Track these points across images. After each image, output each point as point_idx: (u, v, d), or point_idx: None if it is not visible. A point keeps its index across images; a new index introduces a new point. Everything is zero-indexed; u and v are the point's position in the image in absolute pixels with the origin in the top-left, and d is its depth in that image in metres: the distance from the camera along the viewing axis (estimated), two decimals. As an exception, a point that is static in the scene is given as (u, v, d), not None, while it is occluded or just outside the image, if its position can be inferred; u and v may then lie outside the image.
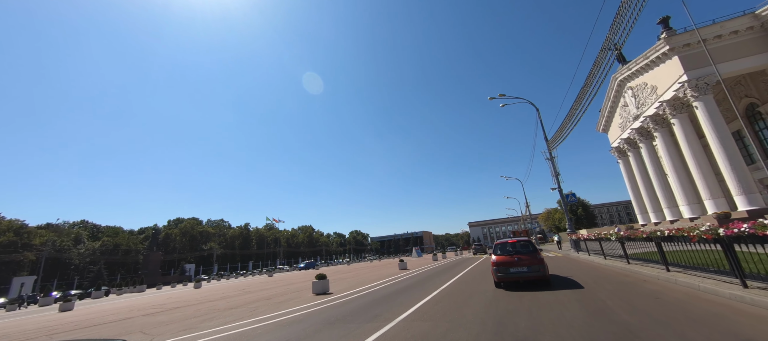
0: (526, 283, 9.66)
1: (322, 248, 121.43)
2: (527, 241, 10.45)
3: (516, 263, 9.37)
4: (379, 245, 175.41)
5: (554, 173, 19.08)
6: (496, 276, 9.60)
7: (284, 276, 42.90)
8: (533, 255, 9.48)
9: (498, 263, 9.65)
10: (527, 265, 9.24)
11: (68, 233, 69.32)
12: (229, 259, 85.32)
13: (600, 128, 39.24)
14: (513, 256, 9.64)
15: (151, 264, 57.81)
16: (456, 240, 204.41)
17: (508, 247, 10.28)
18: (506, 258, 9.68)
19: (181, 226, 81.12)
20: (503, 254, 9.95)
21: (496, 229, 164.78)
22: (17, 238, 49.45)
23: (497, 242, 10.77)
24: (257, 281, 35.63)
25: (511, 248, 10.16)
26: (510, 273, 9.35)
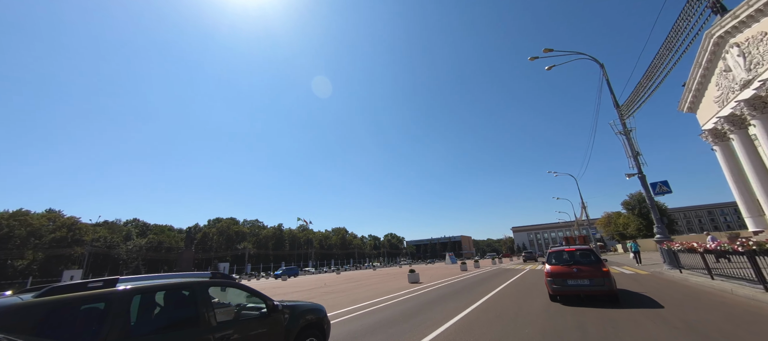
0: (588, 298, 8.67)
1: (354, 251, 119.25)
2: (588, 250, 9.48)
3: (575, 274, 8.53)
4: (414, 249, 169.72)
5: (632, 152, 13.04)
6: (551, 288, 8.86)
7: (300, 280, 40.16)
8: (596, 266, 8.56)
9: (553, 274, 8.85)
10: (589, 277, 8.36)
11: (120, 230, 74.86)
12: (262, 259, 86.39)
13: (684, 106, 30.54)
14: (570, 266, 8.77)
15: (184, 262, 59.27)
16: (498, 246, 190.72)
17: (564, 256, 9.35)
18: (563, 268, 8.82)
19: (218, 226, 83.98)
20: (559, 264, 9.07)
21: (544, 235, 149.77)
22: (69, 234, 53.43)
23: (552, 251, 9.87)
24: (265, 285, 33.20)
25: (568, 258, 9.23)
26: (567, 285, 8.58)
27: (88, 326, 2.75)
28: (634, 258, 21.55)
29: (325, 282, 28.70)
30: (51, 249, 50.37)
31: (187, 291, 3.54)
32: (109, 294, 2.91)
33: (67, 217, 60.15)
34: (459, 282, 17.09)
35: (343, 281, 27.74)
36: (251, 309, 4.32)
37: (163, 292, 3.48)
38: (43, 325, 2.49)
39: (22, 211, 51.93)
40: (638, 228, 55.71)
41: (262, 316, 4.11)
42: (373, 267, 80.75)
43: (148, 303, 3.27)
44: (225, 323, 3.64)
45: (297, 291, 20.05)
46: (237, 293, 4.51)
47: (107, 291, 2.93)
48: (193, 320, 3.36)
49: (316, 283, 27.31)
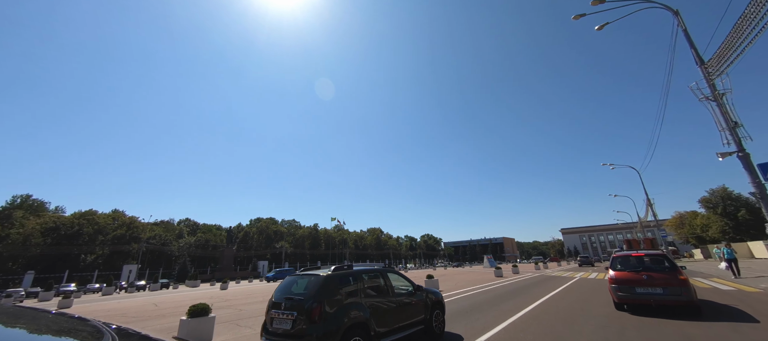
0: (660, 309, 7.85)
1: (389, 252, 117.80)
2: (661, 255, 8.58)
3: (644, 282, 7.81)
4: (452, 250, 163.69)
5: (727, 123, 9.42)
6: (617, 296, 8.17)
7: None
8: (671, 274, 7.74)
9: (619, 280, 8.23)
10: (662, 285, 7.59)
11: (174, 229, 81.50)
12: (299, 258, 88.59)
13: None
14: (640, 273, 8.01)
15: (225, 260, 62.48)
16: (545, 249, 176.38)
17: (632, 261, 8.64)
18: (631, 274, 8.13)
19: (258, 225, 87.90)
20: (626, 270, 8.38)
21: (598, 238, 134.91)
22: (127, 232, 59.03)
23: (617, 255, 9.20)
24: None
25: (636, 263, 8.51)
26: (636, 293, 7.87)
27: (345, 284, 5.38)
28: (728, 268, 16.73)
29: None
30: (113, 245, 55.96)
31: (379, 273, 6.26)
32: (354, 271, 5.71)
33: (129, 217, 66.74)
34: (483, 294, 14.13)
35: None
36: (404, 287, 6.56)
37: (373, 273, 6.14)
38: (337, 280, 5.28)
39: (90, 211, 58.57)
40: (723, 230, 46.38)
41: (411, 292, 6.45)
42: (402, 268, 78.40)
43: (369, 277, 5.97)
44: (398, 292, 6.23)
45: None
46: (395, 277, 6.66)
47: (352, 270, 5.74)
48: (388, 288, 6.09)
49: None
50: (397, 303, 5.97)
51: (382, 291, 5.91)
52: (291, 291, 5.36)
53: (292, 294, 5.22)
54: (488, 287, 17.49)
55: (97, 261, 53.23)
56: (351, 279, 5.50)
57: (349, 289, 5.30)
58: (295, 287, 5.49)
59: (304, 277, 5.52)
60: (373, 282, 5.91)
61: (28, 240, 46.95)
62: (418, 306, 6.34)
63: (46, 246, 49.19)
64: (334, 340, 4.52)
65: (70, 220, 53.70)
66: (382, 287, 5.98)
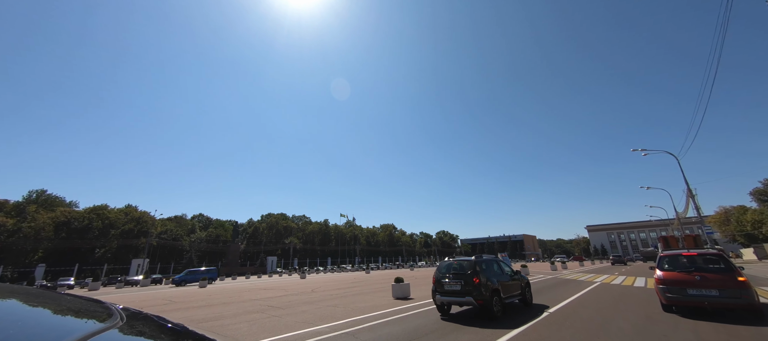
0: (715, 312, 7.60)
1: (402, 248, 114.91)
2: (716, 255, 8.05)
3: (697, 283, 7.44)
4: (469, 248, 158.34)
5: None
6: (665, 298, 7.87)
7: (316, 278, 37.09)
8: (728, 275, 7.24)
9: (667, 281, 7.92)
10: (718, 287, 7.17)
11: (186, 224, 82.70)
12: (308, 254, 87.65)
13: None
14: (691, 273, 7.68)
15: (231, 255, 62.06)
16: (569, 247, 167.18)
17: (682, 260, 8.28)
18: (681, 275, 7.81)
19: (268, 220, 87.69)
20: (675, 270, 8.07)
21: (629, 235, 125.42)
22: (136, 226, 59.76)
23: (665, 254, 8.74)
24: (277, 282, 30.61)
25: (687, 262, 8.15)
26: (688, 295, 7.48)
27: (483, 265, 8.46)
28: None
29: (291, 289, 24.52)
30: (122, 240, 56.75)
31: (495, 261, 9.30)
32: (478, 259, 8.60)
33: (141, 211, 67.89)
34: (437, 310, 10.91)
35: (338, 285, 23.31)
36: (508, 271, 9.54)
37: (493, 260, 9.18)
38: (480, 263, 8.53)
39: (102, 206, 59.76)
40: (781, 228, 39.84)
41: (513, 274, 9.51)
42: (410, 266, 75.25)
43: (492, 262, 9.05)
44: (507, 273, 9.20)
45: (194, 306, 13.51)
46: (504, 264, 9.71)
47: (476, 258, 8.61)
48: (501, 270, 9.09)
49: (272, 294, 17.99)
50: (509, 279, 9.23)
51: (499, 272, 9.05)
52: (452, 268, 8.77)
53: (454, 269, 8.63)
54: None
55: (107, 255, 54.07)
56: (484, 263, 8.69)
57: (485, 268, 8.49)
58: (454, 266, 8.86)
59: (459, 261, 8.92)
60: (494, 266, 9.11)
61: (39, 234, 48.08)
62: (518, 283, 9.70)
63: (58, 240, 50.27)
64: (487, 296, 7.78)
65: (81, 214, 54.85)
66: (497, 270, 9.06)
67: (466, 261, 8.55)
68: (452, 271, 8.50)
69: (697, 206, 27.41)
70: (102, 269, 51.41)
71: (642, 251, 78.83)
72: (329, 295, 15.93)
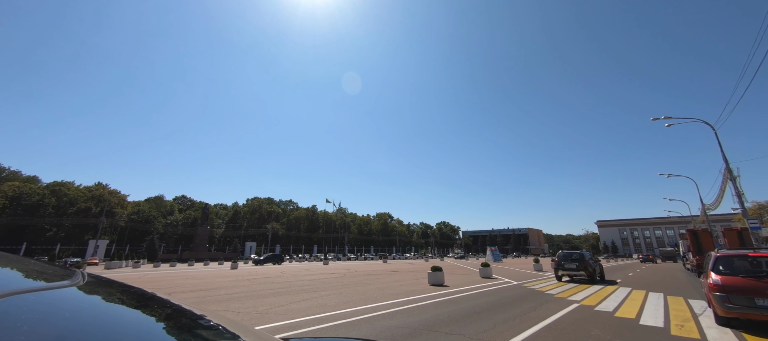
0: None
1: (396, 238, 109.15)
2: None
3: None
4: (471, 240, 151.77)
5: None
6: (724, 308, 5.86)
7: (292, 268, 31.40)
8: None
9: (728, 288, 5.92)
10: None
11: (165, 206, 78.67)
12: (292, 240, 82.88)
13: None
14: (762, 280, 5.76)
15: (198, 239, 57.43)
16: (578, 243, 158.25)
17: (747, 262, 6.53)
18: (747, 280, 5.88)
19: (251, 204, 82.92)
20: (738, 275, 6.12)
21: (643, 232, 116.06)
22: (95, 204, 55.50)
23: (723, 254, 6.81)
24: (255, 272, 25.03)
25: (754, 267, 6.36)
26: (756, 306, 5.61)
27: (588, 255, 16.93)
28: None
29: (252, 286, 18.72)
30: (80, 218, 52.60)
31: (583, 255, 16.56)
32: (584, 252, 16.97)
33: (110, 190, 63.78)
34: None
35: (308, 279, 17.42)
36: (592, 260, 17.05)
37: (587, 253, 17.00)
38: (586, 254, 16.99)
39: (60, 182, 55.65)
40: (840, 227, 31.99)
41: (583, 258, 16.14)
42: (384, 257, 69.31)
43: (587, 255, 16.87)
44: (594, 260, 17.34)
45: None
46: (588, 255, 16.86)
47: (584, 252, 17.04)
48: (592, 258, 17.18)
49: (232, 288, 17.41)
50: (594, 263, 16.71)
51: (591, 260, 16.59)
52: (571, 257, 16.52)
53: (571, 256, 16.59)
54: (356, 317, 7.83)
55: (59, 235, 50.01)
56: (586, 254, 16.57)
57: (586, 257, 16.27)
58: (571, 254, 16.84)
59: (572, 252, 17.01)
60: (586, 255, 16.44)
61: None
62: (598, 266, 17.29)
63: (4, 217, 46.22)
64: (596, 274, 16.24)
65: (34, 190, 50.78)
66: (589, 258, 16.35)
67: (578, 253, 16.90)
68: (570, 257, 16.82)
69: (739, 190, 20.18)
70: (56, 249, 47.39)
71: (662, 251, 70.56)
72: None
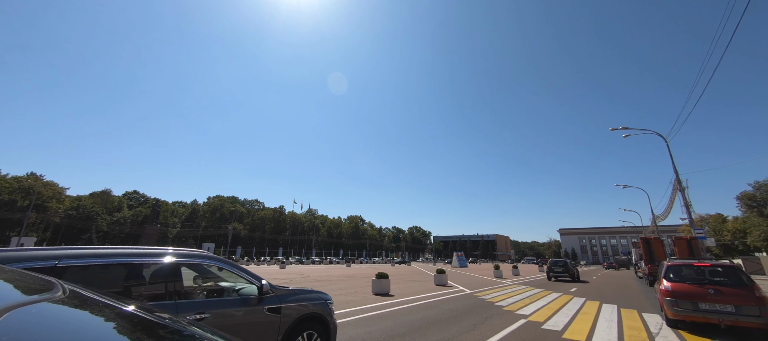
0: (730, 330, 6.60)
1: (366, 242, 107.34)
2: (732, 267, 7.23)
3: (711, 297, 6.48)
4: (441, 245, 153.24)
5: None
6: (673, 311, 6.76)
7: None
8: (746, 290, 6.38)
9: (677, 293, 6.84)
10: (735, 303, 6.29)
11: (112, 201, 71.71)
12: (256, 242, 78.55)
13: None
14: (704, 286, 6.73)
15: (145, 239, 52.38)
16: (542, 250, 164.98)
17: (693, 271, 7.38)
18: (692, 287, 6.84)
19: (211, 203, 77.63)
20: (684, 282, 7.08)
21: (600, 241, 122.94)
22: (22, 197, 49.05)
23: (673, 263, 7.83)
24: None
25: (698, 275, 7.25)
26: (699, 309, 6.52)
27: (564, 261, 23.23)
28: None
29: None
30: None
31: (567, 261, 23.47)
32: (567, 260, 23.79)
33: (45, 181, 56.87)
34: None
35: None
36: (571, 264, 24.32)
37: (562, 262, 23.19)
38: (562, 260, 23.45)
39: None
40: (767, 237, 34.79)
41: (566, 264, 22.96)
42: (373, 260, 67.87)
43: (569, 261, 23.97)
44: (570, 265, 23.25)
45: None
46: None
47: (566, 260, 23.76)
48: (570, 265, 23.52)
49: None
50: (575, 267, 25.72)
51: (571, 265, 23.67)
52: (558, 263, 22.87)
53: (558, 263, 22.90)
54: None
55: (-28, 230, 43.43)
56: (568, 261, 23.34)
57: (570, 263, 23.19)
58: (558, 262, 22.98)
59: (558, 260, 23.20)
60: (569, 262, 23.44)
61: None
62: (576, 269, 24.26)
63: None
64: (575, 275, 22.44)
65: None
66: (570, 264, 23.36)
67: (562, 261, 22.51)
68: (558, 263, 22.12)
69: (687, 201, 20.86)
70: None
71: (616, 259, 74.50)
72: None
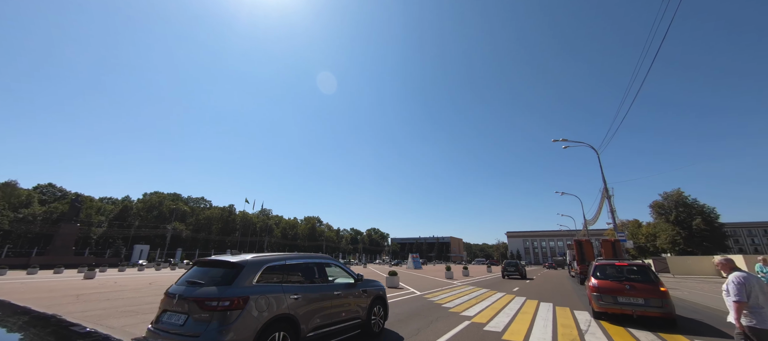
0: (640, 320, 7.99)
1: (323, 243, 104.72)
2: (643, 266, 8.81)
3: (626, 291, 7.90)
4: (399, 247, 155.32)
5: None
6: (598, 304, 8.19)
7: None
8: (653, 285, 7.88)
9: (601, 289, 8.24)
10: (644, 296, 7.69)
11: (17, 195, 60.66)
12: (200, 244, 72.02)
13: None
14: (622, 282, 8.15)
15: (60, 239, 45.11)
16: (491, 252, 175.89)
17: (614, 270, 8.82)
18: (613, 283, 8.22)
19: (144, 199, 69.42)
20: (607, 279, 8.50)
21: (541, 243, 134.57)
22: None
23: (599, 263, 9.30)
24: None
25: (618, 273, 8.66)
26: (618, 302, 7.92)
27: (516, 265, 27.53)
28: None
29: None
30: None
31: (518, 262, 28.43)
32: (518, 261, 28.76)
33: None
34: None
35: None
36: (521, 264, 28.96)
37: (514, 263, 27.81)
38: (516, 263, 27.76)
39: None
40: (673, 241, 40.87)
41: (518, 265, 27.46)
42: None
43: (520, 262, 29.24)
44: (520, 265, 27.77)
45: None
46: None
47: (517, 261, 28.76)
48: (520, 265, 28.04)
49: None
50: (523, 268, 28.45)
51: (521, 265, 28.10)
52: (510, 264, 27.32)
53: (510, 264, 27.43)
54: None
55: None
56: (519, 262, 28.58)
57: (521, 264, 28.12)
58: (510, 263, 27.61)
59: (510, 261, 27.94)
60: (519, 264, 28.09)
61: None
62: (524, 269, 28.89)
63: None
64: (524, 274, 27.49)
65: None
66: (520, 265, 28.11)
67: (514, 262, 27.18)
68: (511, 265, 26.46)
69: (612, 207, 23.46)
70: None
71: (553, 260, 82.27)
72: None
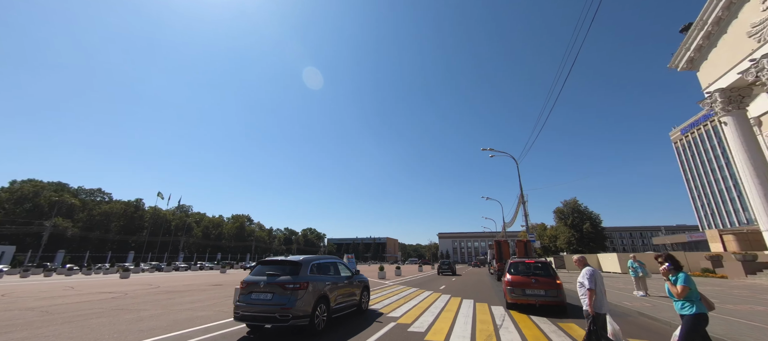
0: (542, 308, 9.36)
1: (252, 244, 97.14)
2: (545, 264, 10.16)
3: (532, 285, 9.24)
4: (335, 247, 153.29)
5: None
6: (510, 297, 9.48)
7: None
8: (552, 279, 9.35)
9: (513, 283, 9.50)
10: (545, 288, 9.09)
11: None
12: (93, 244, 59.93)
13: (680, 62, 20.69)
14: (529, 277, 9.47)
15: None
16: (424, 252, 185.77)
17: (524, 267, 10.11)
18: (522, 278, 9.51)
19: (12, 188, 54.69)
20: (519, 275, 9.77)
21: (467, 244, 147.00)
22: None
23: (513, 261, 10.55)
24: None
25: (526, 269, 9.95)
26: (526, 294, 9.26)
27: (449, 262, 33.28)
28: (639, 286, 11.87)
29: None
30: None
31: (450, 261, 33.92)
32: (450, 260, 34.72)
33: None
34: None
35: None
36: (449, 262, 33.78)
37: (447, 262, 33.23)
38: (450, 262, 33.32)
39: None
40: (569, 242, 48.77)
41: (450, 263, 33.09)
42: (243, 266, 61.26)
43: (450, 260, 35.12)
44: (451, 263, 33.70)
45: None
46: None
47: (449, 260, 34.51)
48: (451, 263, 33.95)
49: None
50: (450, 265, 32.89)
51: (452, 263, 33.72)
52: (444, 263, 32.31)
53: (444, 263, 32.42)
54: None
55: None
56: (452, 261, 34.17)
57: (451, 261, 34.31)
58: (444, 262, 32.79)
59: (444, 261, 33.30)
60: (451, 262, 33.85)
61: None
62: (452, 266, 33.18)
63: None
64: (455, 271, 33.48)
65: None
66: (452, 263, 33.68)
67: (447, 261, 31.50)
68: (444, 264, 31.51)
69: (526, 212, 26.77)
70: None
71: (477, 259, 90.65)
72: None
